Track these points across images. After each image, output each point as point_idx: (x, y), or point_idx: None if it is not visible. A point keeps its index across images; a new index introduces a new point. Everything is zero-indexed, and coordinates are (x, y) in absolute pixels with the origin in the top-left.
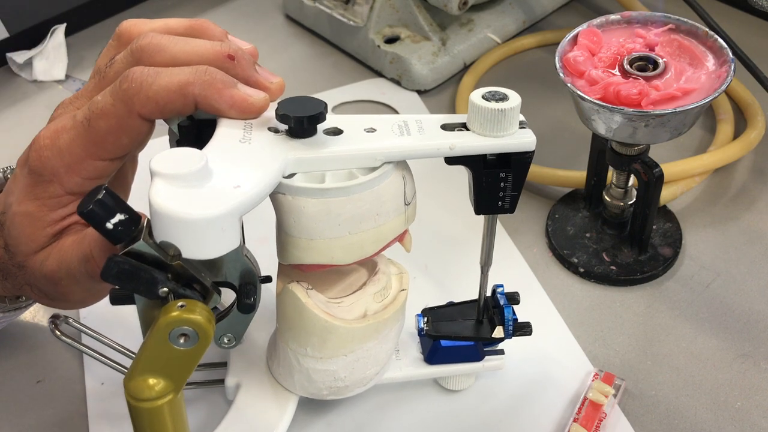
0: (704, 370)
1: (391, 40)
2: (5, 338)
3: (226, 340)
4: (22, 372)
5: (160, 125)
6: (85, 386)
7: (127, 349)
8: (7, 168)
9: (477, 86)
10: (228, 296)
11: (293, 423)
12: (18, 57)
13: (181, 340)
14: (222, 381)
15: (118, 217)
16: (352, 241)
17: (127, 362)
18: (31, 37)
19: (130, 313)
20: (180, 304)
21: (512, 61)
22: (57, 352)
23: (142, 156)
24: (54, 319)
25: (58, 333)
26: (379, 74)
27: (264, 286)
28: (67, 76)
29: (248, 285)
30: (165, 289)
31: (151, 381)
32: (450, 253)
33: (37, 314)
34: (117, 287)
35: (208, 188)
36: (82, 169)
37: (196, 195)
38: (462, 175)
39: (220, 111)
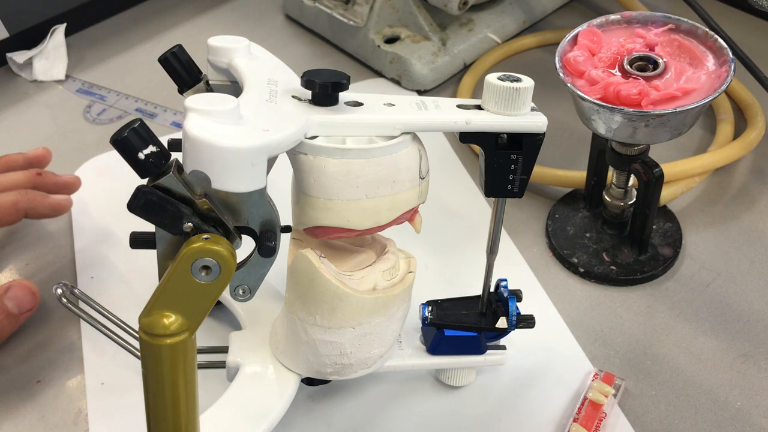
0: (704, 370)
1: (391, 40)
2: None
3: (241, 292)
4: (22, 372)
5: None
6: (85, 386)
7: (128, 325)
8: None
9: (477, 86)
10: (242, 253)
11: (294, 424)
12: (18, 57)
13: (203, 273)
14: (222, 364)
15: (151, 148)
16: (369, 205)
17: (127, 338)
18: (31, 37)
19: (131, 298)
20: (204, 236)
21: (512, 61)
22: (57, 352)
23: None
24: (61, 286)
25: (65, 300)
26: (379, 74)
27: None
28: (67, 76)
29: (269, 231)
30: (190, 224)
31: (168, 317)
32: (452, 255)
33: (36, 314)
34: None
35: (239, 126)
36: None
37: (229, 129)
38: (464, 179)
39: (44, 214)
